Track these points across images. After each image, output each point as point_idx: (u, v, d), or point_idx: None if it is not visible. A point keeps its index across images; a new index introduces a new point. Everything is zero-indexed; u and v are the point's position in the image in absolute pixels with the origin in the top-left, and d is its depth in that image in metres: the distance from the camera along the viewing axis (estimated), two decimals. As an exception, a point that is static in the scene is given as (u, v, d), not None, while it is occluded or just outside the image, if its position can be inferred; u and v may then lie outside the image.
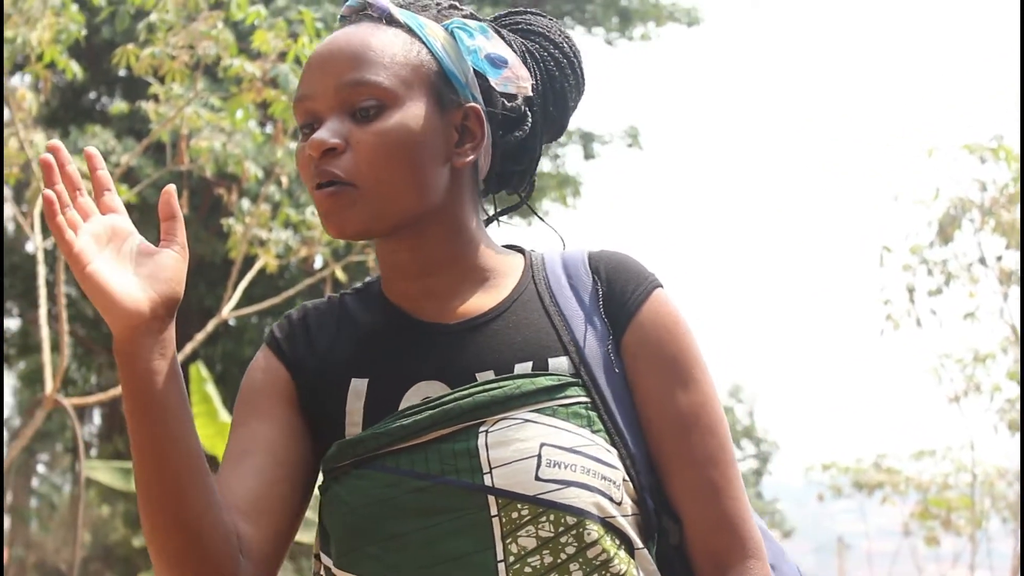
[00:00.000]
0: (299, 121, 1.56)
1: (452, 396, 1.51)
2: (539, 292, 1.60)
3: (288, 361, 1.61)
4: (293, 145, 8.09)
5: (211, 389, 11.04)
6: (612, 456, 1.50)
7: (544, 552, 1.46)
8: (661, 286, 1.60)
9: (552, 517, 1.46)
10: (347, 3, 1.61)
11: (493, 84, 1.58)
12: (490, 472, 1.46)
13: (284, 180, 8.30)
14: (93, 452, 18.44)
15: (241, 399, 1.62)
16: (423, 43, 1.56)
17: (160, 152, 11.20)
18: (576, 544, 1.46)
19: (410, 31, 1.56)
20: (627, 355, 1.56)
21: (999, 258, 10.78)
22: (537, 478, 1.46)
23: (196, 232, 13.51)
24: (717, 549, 1.54)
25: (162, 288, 1.45)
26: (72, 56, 6.32)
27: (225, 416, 11.13)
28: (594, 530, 1.47)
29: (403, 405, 1.53)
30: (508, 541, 1.46)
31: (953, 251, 11.06)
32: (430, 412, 1.50)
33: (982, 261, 10.92)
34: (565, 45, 1.68)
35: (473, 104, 1.57)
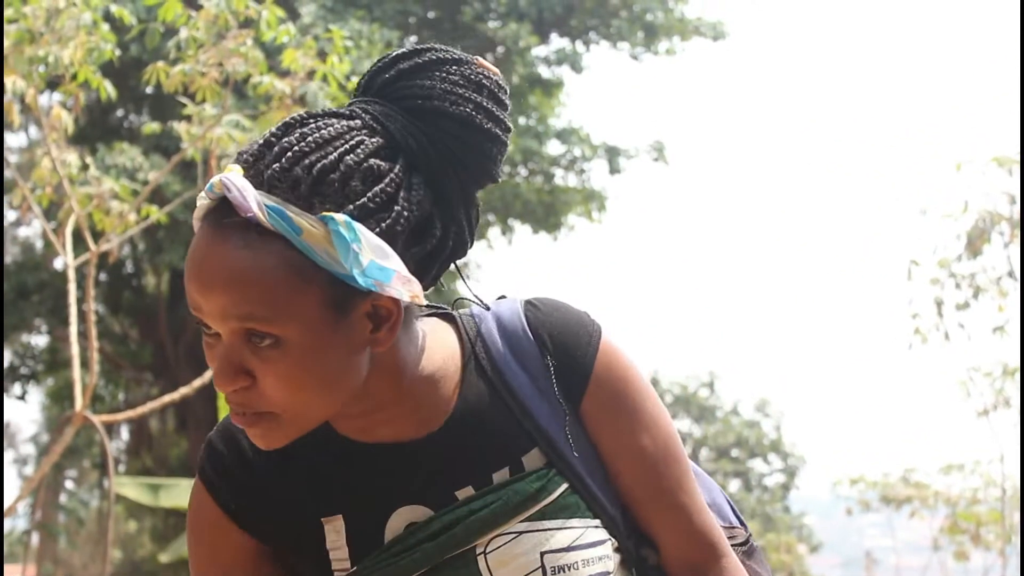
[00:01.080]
0: (193, 314, 1.42)
1: (441, 524, 1.48)
2: (489, 379, 1.53)
3: (242, 522, 1.54)
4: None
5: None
6: (600, 531, 1.53)
7: None
8: (602, 331, 1.57)
9: None
10: (208, 188, 1.40)
11: (387, 292, 1.36)
12: None
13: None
14: (121, 468, 18.50)
15: (198, 562, 1.57)
16: (304, 255, 1.34)
17: (187, 169, 11.25)
18: None
19: (287, 242, 1.34)
20: (588, 419, 1.56)
21: (1025, 271, 10.72)
22: None
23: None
24: (694, 561, 1.59)
25: None
26: (102, 75, 6.35)
27: (252, 432, 11.16)
28: None
29: (388, 534, 1.50)
30: None
31: (982, 264, 11.01)
32: (423, 548, 1.47)
33: (1011, 274, 10.87)
34: (477, 116, 1.44)
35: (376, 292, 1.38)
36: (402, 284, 1.36)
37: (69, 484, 25.43)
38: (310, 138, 1.38)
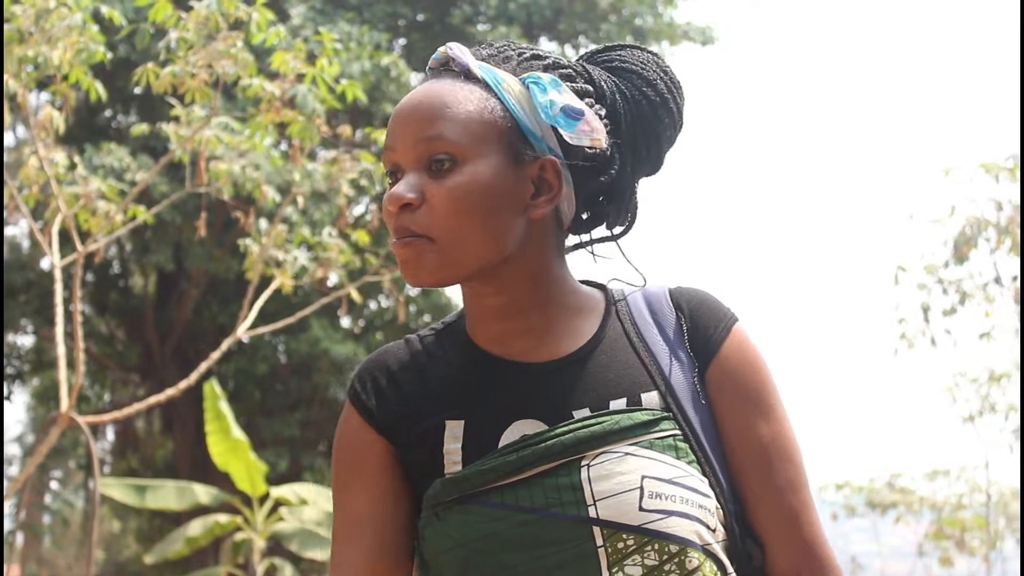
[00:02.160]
0: (385, 168, 1.63)
1: (553, 433, 1.56)
2: (624, 328, 1.66)
3: (379, 424, 1.66)
4: (311, 166, 8.10)
5: (224, 406, 11.05)
6: (705, 486, 1.57)
7: None
8: (739, 321, 1.68)
9: (656, 546, 1.52)
10: (433, 56, 1.66)
11: (566, 138, 1.59)
12: (594, 504, 1.52)
13: (300, 200, 8.30)
14: (106, 469, 18.45)
15: (339, 467, 1.68)
16: (499, 99, 1.59)
17: (174, 170, 11.22)
18: (679, 572, 1.53)
19: (487, 87, 1.59)
20: (711, 388, 1.64)
21: (1015, 277, 10.75)
22: (641, 508, 1.52)
23: (210, 250, 13.54)
24: (799, 571, 1.62)
25: None
26: (92, 75, 6.34)
27: (238, 433, 11.15)
28: (695, 557, 1.53)
29: (502, 444, 1.59)
30: (615, 570, 1.52)
31: (968, 270, 11.05)
32: (532, 448, 1.55)
33: (998, 280, 10.91)
34: (660, 83, 1.69)
35: (549, 157, 1.60)
36: (586, 134, 1.60)
37: (54, 484, 25.35)
38: (524, 45, 1.67)
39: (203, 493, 11.49)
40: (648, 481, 1.53)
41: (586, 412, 1.58)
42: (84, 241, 7.12)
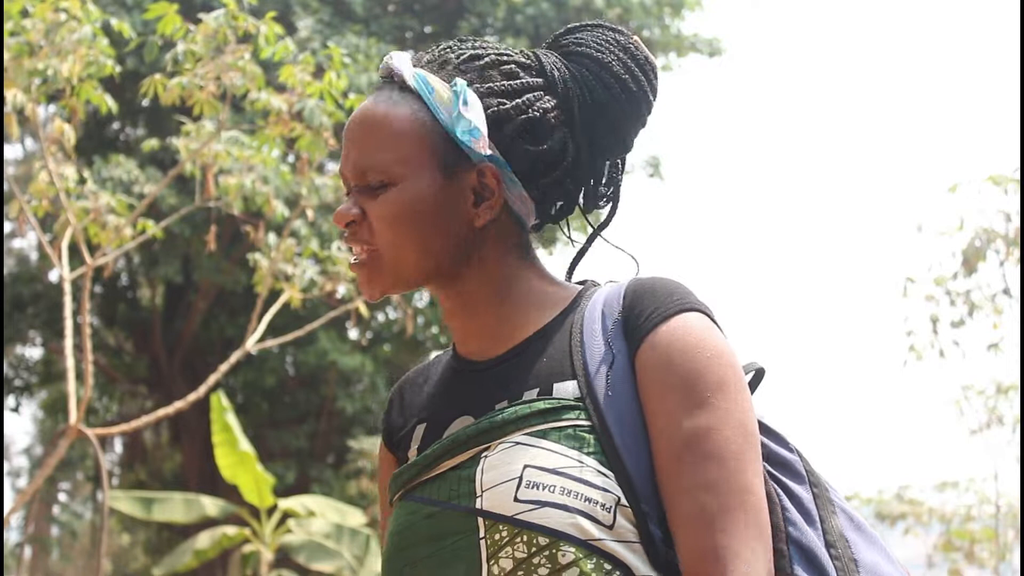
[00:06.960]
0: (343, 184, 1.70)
1: (465, 427, 1.58)
2: (573, 322, 1.62)
3: (386, 438, 1.76)
4: (319, 180, 8.13)
5: (232, 418, 11.07)
6: (604, 479, 1.47)
7: (519, 573, 1.47)
8: (692, 310, 1.55)
9: (525, 537, 1.47)
10: (381, 64, 1.71)
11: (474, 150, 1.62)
12: (481, 495, 1.51)
13: (310, 213, 8.32)
14: (115, 481, 18.46)
15: (380, 491, 1.77)
16: (430, 111, 1.61)
17: (183, 182, 11.25)
18: (549, 566, 1.45)
19: (420, 99, 1.62)
20: (639, 376, 1.53)
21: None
22: (515, 499, 1.48)
23: (218, 263, 13.56)
24: None
25: None
26: (102, 88, 6.35)
27: (245, 445, 11.16)
28: (570, 552, 1.45)
29: None
30: (491, 563, 1.49)
31: (977, 282, 11.04)
32: (442, 443, 1.58)
33: (1006, 292, 10.90)
34: (616, 64, 1.66)
35: (485, 164, 1.61)
36: (481, 149, 1.59)
37: (63, 497, 25.38)
38: (468, 45, 1.69)
39: (211, 505, 11.50)
40: (529, 470, 1.47)
41: (505, 403, 1.57)
42: (93, 254, 7.14)
